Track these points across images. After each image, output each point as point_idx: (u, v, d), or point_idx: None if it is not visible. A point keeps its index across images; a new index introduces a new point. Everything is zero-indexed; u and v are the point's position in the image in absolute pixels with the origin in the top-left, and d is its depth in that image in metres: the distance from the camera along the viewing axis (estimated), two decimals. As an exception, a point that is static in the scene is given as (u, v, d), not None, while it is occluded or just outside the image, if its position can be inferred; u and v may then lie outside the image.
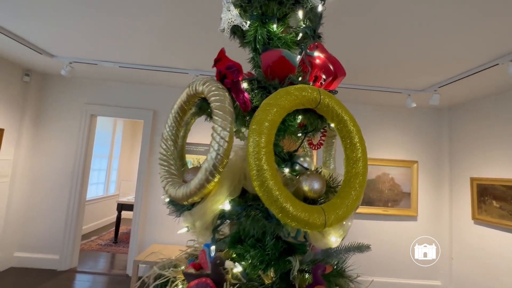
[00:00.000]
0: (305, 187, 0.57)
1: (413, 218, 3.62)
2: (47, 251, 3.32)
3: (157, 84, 3.54)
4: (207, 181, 0.53)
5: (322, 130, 0.78)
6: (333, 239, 0.58)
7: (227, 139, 0.53)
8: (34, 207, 3.37)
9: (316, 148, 0.89)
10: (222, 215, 0.57)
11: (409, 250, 3.52)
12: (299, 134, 0.77)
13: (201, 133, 3.19)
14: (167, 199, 0.64)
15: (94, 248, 4.24)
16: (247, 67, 0.83)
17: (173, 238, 3.34)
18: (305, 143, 0.95)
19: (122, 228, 5.10)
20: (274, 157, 0.51)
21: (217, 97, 0.55)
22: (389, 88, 3.05)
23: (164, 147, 0.64)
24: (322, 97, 0.57)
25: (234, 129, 0.65)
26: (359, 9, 1.65)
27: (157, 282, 0.65)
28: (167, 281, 0.64)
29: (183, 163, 0.80)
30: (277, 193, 0.47)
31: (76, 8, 1.84)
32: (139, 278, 0.70)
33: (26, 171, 3.35)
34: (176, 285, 0.64)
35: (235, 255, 0.69)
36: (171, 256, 0.78)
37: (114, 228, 4.62)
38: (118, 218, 4.52)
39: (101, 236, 4.86)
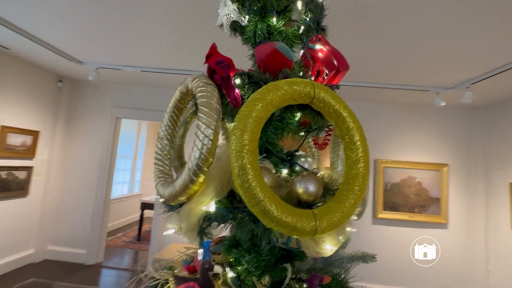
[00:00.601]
0: (299, 189, 0.53)
1: (443, 225, 3.34)
2: (75, 245, 3.54)
3: (177, 86, 3.63)
4: (191, 181, 0.51)
5: (327, 129, 0.73)
6: (328, 248, 0.53)
7: (211, 137, 0.50)
8: (65, 204, 3.61)
9: (321, 148, 0.83)
10: (209, 217, 0.55)
11: (440, 258, 3.26)
12: (302, 133, 0.72)
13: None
14: (161, 199, 0.63)
15: (119, 244, 4.44)
16: (248, 64, 0.80)
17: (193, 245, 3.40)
18: (311, 143, 0.90)
19: (145, 227, 5.29)
20: (258, 156, 0.48)
21: (204, 93, 0.53)
22: (415, 86, 2.85)
23: (160, 146, 0.63)
24: (316, 91, 0.53)
25: (229, 127, 0.62)
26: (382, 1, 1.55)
27: (150, 283, 0.64)
28: (160, 283, 0.63)
29: (182, 163, 0.79)
30: (260, 194, 0.43)
31: (102, 18, 1.95)
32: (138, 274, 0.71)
33: (59, 170, 3.61)
34: (169, 287, 0.62)
35: (232, 259, 0.67)
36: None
37: (138, 226, 4.81)
38: (141, 216, 4.70)
39: (126, 233, 5.08)
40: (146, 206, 4.66)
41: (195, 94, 0.57)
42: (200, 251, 0.59)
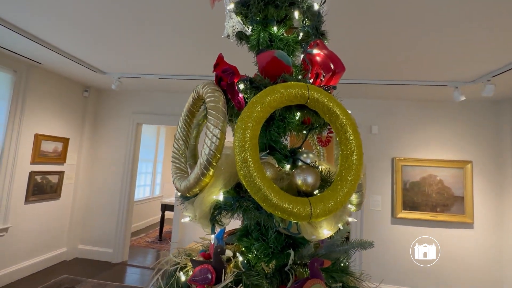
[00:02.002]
0: (298, 181, 0.59)
1: (469, 225, 3.21)
2: (103, 245, 3.77)
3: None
4: (203, 174, 0.58)
5: (329, 127, 0.78)
6: (326, 232, 0.58)
7: (218, 136, 0.57)
8: (92, 206, 3.86)
9: (324, 145, 0.88)
10: (219, 206, 0.62)
11: (464, 261, 3.12)
12: (305, 131, 0.78)
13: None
14: (179, 194, 0.71)
15: (142, 244, 4.65)
16: (255, 70, 0.86)
17: (209, 236, 3.51)
18: (316, 140, 0.94)
19: (166, 227, 5.50)
20: (258, 151, 0.54)
21: (212, 98, 0.60)
22: (432, 81, 2.79)
23: (176, 146, 0.72)
24: (311, 92, 0.58)
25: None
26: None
27: (171, 267, 0.72)
28: (179, 267, 0.70)
29: (196, 161, 0.87)
30: (260, 183, 0.50)
31: (123, 31, 2.11)
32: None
33: (86, 174, 3.87)
34: (187, 270, 0.70)
35: (243, 248, 0.73)
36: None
37: (159, 226, 5.02)
38: (162, 217, 4.90)
39: (148, 233, 5.31)
40: (166, 207, 4.86)
41: (204, 99, 0.64)
42: (213, 236, 0.66)
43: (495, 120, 3.29)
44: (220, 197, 0.61)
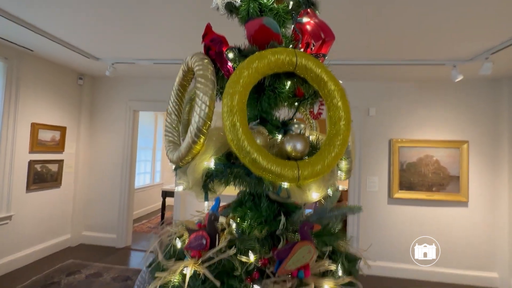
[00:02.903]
0: (288, 147, 0.60)
1: (463, 204, 3.27)
2: (106, 231, 3.85)
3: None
4: (193, 142, 0.59)
5: (320, 99, 0.78)
6: (314, 195, 0.60)
7: (208, 103, 0.58)
8: (93, 194, 3.90)
9: (316, 118, 0.89)
10: (211, 173, 0.63)
11: (459, 238, 3.21)
12: (296, 104, 0.78)
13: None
14: (174, 166, 0.72)
15: (145, 230, 4.75)
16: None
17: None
18: (308, 113, 0.95)
19: (168, 213, 5.59)
20: (246, 115, 0.54)
21: (200, 67, 0.60)
22: (430, 60, 2.76)
23: (169, 120, 0.72)
24: (299, 58, 0.58)
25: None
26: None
27: (169, 237, 0.75)
28: (176, 236, 0.73)
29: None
30: (248, 147, 0.51)
31: (115, 15, 2.06)
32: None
33: (85, 162, 3.89)
34: (184, 239, 0.72)
35: (238, 219, 0.75)
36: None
37: (160, 213, 5.10)
38: (163, 204, 4.98)
39: (150, 220, 5.41)
40: (167, 194, 4.92)
41: (193, 69, 0.64)
42: (206, 203, 0.68)
43: (493, 99, 3.29)
44: (212, 163, 0.62)
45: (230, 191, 0.75)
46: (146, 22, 2.18)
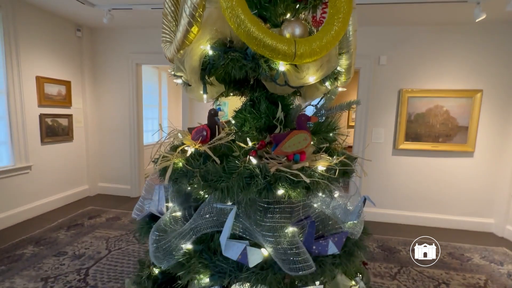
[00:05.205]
0: (287, 34, 0.58)
1: (469, 154, 3.28)
2: (120, 182, 4.07)
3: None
4: (189, 24, 0.58)
5: (323, 6, 0.73)
6: (311, 78, 0.60)
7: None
8: (104, 148, 4.05)
9: (318, 25, 0.84)
10: (208, 61, 0.63)
11: (460, 187, 3.29)
12: (298, 6, 0.73)
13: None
14: (178, 79, 0.72)
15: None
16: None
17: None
18: (310, 20, 0.90)
19: (177, 169, 5.82)
20: None
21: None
22: (451, -3, 2.51)
23: (166, 22, 0.70)
24: None
25: None
26: None
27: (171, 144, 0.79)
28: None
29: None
30: (242, 15, 0.49)
31: None
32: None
33: (94, 117, 3.95)
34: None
35: (238, 123, 0.78)
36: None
37: (170, 168, 5.32)
38: (172, 159, 5.15)
39: (161, 175, 5.66)
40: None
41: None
42: (205, 96, 0.70)
43: (513, 46, 3.06)
44: (208, 48, 0.62)
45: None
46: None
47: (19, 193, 3.00)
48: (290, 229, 0.72)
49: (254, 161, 0.67)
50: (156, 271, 1.17)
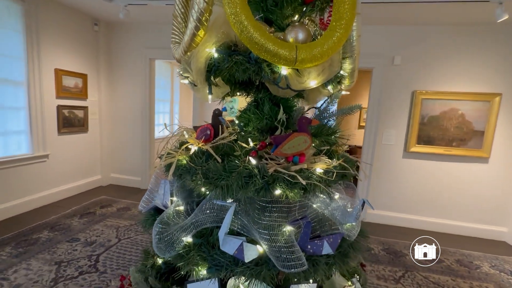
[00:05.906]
0: (290, 39, 0.59)
1: (484, 159, 3.17)
2: (132, 173, 4.20)
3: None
4: (196, 28, 0.61)
5: (330, 8, 0.74)
6: (312, 83, 0.61)
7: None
8: (117, 140, 4.18)
9: (325, 28, 0.85)
10: (213, 63, 0.66)
11: (473, 193, 3.19)
12: (304, 9, 0.75)
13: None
14: (184, 80, 0.75)
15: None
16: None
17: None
18: (318, 22, 0.91)
19: (187, 163, 5.93)
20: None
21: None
22: (471, -3, 2.41)
23: (175, 24, 0.73)
24: None
25: None
26: None
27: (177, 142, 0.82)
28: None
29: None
30: (246, 21, 0.51)
31: None
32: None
33: (108, 110, 4.08)
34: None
35: (242, 123, 0.80)
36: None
37: (180, 161, 5.43)
38: (182, 153, 5.25)
39: (171, 168, 5.79)
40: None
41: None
42: (210, 96, 0.72)
43: (538, 47, 2.91)
44: (214, 51, 0.64)
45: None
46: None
47: (37, 180, 3.16)
48: (287, 228, 0.74)
49: (253, 161, 0.69)
50: (159, 261, 1.22)
